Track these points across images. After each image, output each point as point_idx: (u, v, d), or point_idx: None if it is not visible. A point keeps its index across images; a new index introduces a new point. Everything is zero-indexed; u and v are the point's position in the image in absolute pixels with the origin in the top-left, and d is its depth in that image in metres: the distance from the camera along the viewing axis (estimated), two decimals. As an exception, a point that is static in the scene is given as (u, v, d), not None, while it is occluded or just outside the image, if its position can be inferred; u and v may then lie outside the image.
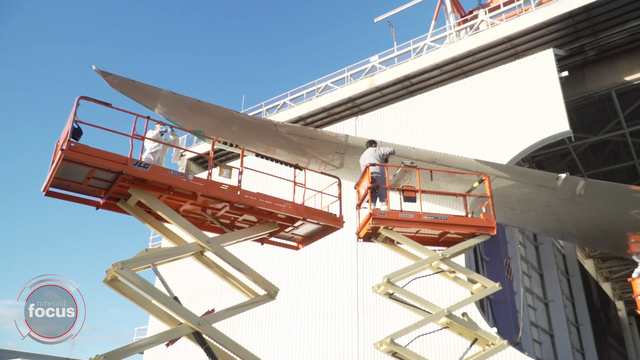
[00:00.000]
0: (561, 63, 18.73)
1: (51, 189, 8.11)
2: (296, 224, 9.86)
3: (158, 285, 8.74)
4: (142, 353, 24.58)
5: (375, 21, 28.39)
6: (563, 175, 14.69)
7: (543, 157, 27.71)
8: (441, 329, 10.79)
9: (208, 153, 9.34)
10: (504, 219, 18.26)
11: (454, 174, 14.33)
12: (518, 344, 17.45)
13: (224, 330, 8.44)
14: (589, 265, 40.58)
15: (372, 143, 11.54)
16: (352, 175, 16.11)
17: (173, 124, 11.46)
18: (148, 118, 8.92)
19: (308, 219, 9.66)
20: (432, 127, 19.74)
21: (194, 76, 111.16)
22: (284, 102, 25.96)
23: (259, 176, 10.34)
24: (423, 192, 10.44)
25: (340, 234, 10.96)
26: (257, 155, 10.89)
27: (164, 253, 8.75)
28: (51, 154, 8.01)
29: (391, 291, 10.23)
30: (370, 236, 10.78)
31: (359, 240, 11.02)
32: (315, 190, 10.55)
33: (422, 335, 10.39)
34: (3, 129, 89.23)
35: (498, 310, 17.83)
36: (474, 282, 10.82)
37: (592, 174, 28.57)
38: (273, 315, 20.82)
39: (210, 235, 8.87)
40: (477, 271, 17.15)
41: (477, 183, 11.69)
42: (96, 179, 8.05)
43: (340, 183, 10.65)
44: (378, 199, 10.60)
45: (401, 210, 10.27)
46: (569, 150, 26.16)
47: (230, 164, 9.59)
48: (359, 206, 11.00)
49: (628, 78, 19.30)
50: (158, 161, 9.88)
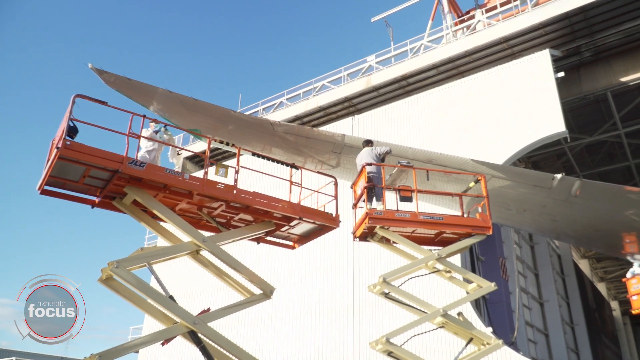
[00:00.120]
0: (557, 64, 18.78)
1: (46, 188, 8.08)
2: (292, 223, 9.86)
3: (153, 284, 8.72)
4: (137, 352, 24.53)
5: (372, 21, 28.40)
6: (559, 175, 14.75)
7: (539, 158, 27.77)
8: (437, 329, 10.81)
9: (204, 152, 9.30)
10: (500, 219, 18.32)
11: (450, 174, 14.38)
12: (513, 344, 17.50)
13: (220, 329, 8.43)
14: (584, 265, 40.72)
15: (369, 143, 11.55)
16: (349, 174, 16.13)
17: (168, 123, 11.43)
18: (144, 116, 8.90)
19: (304, 219, 9.66)
20: (429, 127, 19.77)
21: (191, 75, 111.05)
22: (281, 102, 25.93)
23: (255, 175, 10.33)
24: (419, 192, 10.45)
25: (336, 234, 10.96)
26: (254, 154, 10.87)
27: (160, 252, 8.74)
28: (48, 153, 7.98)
29: (387, 291, 10.25)
30: (366, 236, 10.79)
31: (355, 239, 11.03)
32: (311, 189, 10.55)
33: (418, 334, 10.41)
34: (3, 129, 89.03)
35: (493, 309, 17.88)
36: (470, 282, 10.85)
37: (588, 175, 28.65)
38: (269, 314, 20.81)
39: (206, 234, 8.85)
40: (473, 271, 17.18)
41: (473, 183, 11.71)
42: (92, 178, 8.02)
43: (336, 182, 10.64)
44: (374, 199, 10.62)
45: (397, 209, 10.28)
46: (565, 150, 26.23)
47: (226, 163, 9.56)
48: (355, 206, 11.01)
49: (624, 79, 19.36)
50: (153, 160, 9.85)
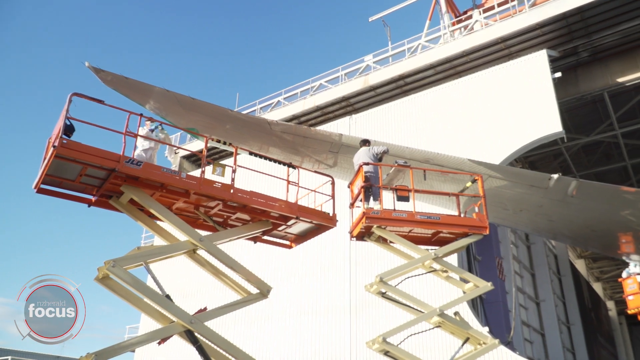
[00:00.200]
0: (554, 64, 18.81)
1: (43, 186, 8.06)
2: (289, 223, 9.85)
3: (150, 283, 8.71)
4: (134, 351, 24.49)
5: (369, 20, 28.44)
6: (555, 175, 14.78)
7: (536, 158, 27.82)
8: (433, 328, 10.83)
9: (201, 151, 9.30)
10: (497, 219, 18.35)
11: (447, 174, 14.39)
12: (509, 343, 17.53)
13: (216, 328, 8.42)
14: (580, 265, 40.83)
15: (366, 142, 11.54)
16: (346, 174, 16.12)
17: (165, 121, 11.41)
18: (141, 115, 8.89)
19: (301, 218, 9.65)
20: (426, 127, 19.78)
21: (189, 74, 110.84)
22: (278, 101, 25.92)
23: (253, 174, 10.32)
24: (416, 192, 10.46)
25: (333, 233, 10.95)
26: (251, 153, 10.87)
27: (157, 251, 8.73)
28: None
29: (384, 290, 10.25)
30: (363, 235, 10.80)
31: (352, 239, 11.03)
32: (308, 189, 10.54)
33: (415, 334, 10.42)
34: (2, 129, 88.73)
35: (490, 309, 17.90)
36: (466, 282, 10.87)
37: (584, 175, 28.71)
38: (266, 313, 20.80)
39: (203, 233, 8.85)
40: (470, 271, 17.20)
41: (470, 183, 11.72)
42: (88, 176, 7.99)
43: (333, 182, 10.63)
44: (371, 198, 10.62)
45: (394, 209, 10.29)
46: (562, 150, 26.29)
47: (223, 162, 9.56)
48: (352, 205, 11.00)
49: (620, 79, 19.41)
50: (150, 158, 9.83)
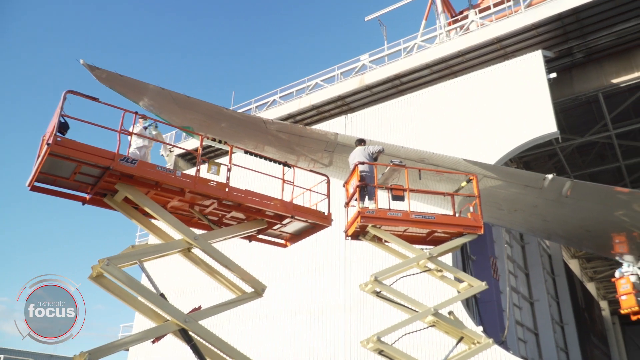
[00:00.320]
0: (550, 64, 18.86)
1: (36, 184, 8.02)
2: (284, 222, 9.84)
3: (144, 281, 8.69)
4: (128, 350, 24.43)
5: (366, 20, 28.37)
6: (550, 176, 14.83)
7: (530, 158, 27.92)
8: (427, 328, 10.86)
9: (196, 149, 9.27)
10: (491, 219, 18.41)
11: (442, 174, 14.41)
12: (503, 343, 17.59)
13: (211, 327, 8.41)
14: (574, 265, 41.01)
15: (362, 142, 11.55)
16: (341, 173, 16.13)
17: (160, 120, 11.37)
18: (136, 113, 8.86)
19: (296, 217, 9.65)
20: (421, 127, 19.80)
21: (184, 73, 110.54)
22: (274, 100, 25.88)
23: (248, 173, 10.30)
24: (411, 191, 10.47)
25: (328, 232, 10.96)
26: (246, 152, 10.85)
27: (151, 249, 8.71)
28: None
29: (378, 289, 10.26)
30: (358, 234, 10.80)
31: (347, 238, 11.03)
32: (303, 188, 10.54)
33: (409, 333, 10.44)
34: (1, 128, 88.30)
35: (484, 309, 17.95)
36: (461, 281, 10.89)
37: (579, 175, 28.85)
38: (260, 312, 20.78)
39: (197, 232, 8.83)
40: (464, 270, 17.24)
41: (465, 183, 11.73)
42: (83, 174, 7.96)
43: (329, 181, 10.64)
44: (367, 198, 10.63)
45: (389, 208, 10.29)
46: (556, 151, 26.39)
47: (218, 161, 9.53)
48: (348, 204, 11.02)
49: (615, 80, 19.48)
50: (144, 156, 9.78)
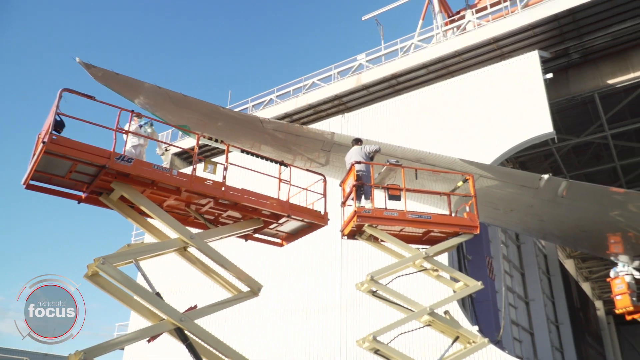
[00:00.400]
0: (546, 65, 18.90)
1: (32, 182, 7.98)
2: (281, 221, 9.83)
3: (140, 280, 8.66)
4: (123, 349, 24.40)
5: (363, 19, 28.39)
6: (546, 176, 14.88)
7: (526, 158, 27.98)
8: (423, 327, 10.87)
9: (193, 148, 9.25)
10: (487, 219, 18.44)
11: (439, 173, 14.44)
12: (499, 342, 17.64)
13: (207, 326, 8.40)
14: (570, 265, 41.13)
15: (358, 141, 11.55)
16: (338, 172, 16.14)
17: (156, 118, 11.34)
18: (132, 112, 8.84)
19: (293, 216, 9.65)
20: (418, 126, 19.82)
21: (181, 72, 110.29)
22: (270, 99, 25.86)
23: (244, 172, 10.29)
24: (408, 191, 10.48)
25: (324, 232, 10.95)
26: (243, 151, 10.84)
27: (147, 248, 8.69)
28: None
29: (374, 289, 10.27)
30: (354, 234, 10.81)
31: (344, 237, 11.04)
32: (300, 187, 10.54)
33: (405, 332, 10.46)
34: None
35: (480, 308, 17.99)
36: (457, 281, 10.91)
37: (574, 175, 28.93)
38: (256, 312, 20.78)
39: (194, 231, 8.81)
40: (460, 270, 17.27)
41: (461, 182, 11.76)
42: (78, 173, 7.92)
43: (325, 180, 10.64)
44: (363, 197, 10.63)
45: (386, 208, 10.31)
46: (552, 151, 26.46)
47: (215, 160, 9.52)
48: (344, 204, 11.01)
49: (611, 81, 19.55)
50: (139, 155, 9.74)
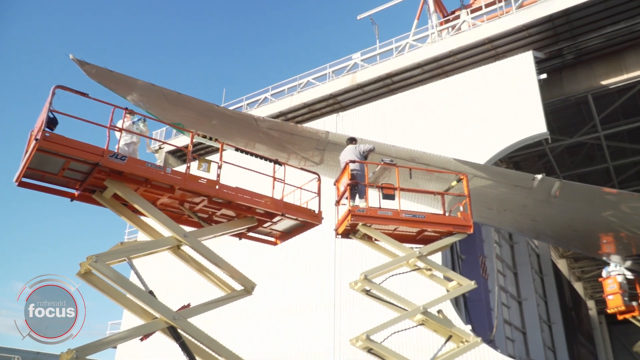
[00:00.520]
0: (540, 65, 18.96)
1: (24, 180, 7.93)
2: (275, 220, 9.82)
3: (133, 279, 8.63)
4: (116, 347, 24.29)
5: (358, 18, 28.38)
6: (539, 176, 14.94)
7: (520, 158, 28.10)
8: (417, 326, 10.90)
9: (187, 146, 9.22)
10: (481, 218, 18.50)
11: (433, 173, 14.47)
12: (491, 341, 17.70)
13: (200, 325, 8.37)
14: (562, 265, 41.34)
15: (352, 140, 11.56)
16: (332, 171, 16.14)
17: (150, 116, 11.27)
18: (126, 109, 8.80)
19: (287, 215, 9.64)
20: (412, 126, 19.84)
21: (175, 70, 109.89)
22: (265, 97, 25.81)
23: (238, 171, 10.26)
24: (402, 190, 10.50)
25: (318, 230, 10.95)
26: (237, 149, 10.81)
27: (140, 246, 8.64)
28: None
29: (368, 288, 10.28)
30: (348, 233, 10.82)
31: (338, 236, 11.05)
32: (294, 186, 10.53)
33: (398, 331, 10.48)
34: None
35: (473, 307, 18.05)
36: (450, 280, 10.94)
37: (568, 176, 29.07)
38: (249, 310, 20.75)
39: (187, 229, 8.79)
40: (454, 269, 17.32)
41: (455, 182, 11.77)
42: (71, 170, 7.88)
43: (319, 179, 10.64)
44: (357, 196, 10.65)
45: (380, 207, 10.32)
46: (546, 151, 26.58)
47: (209, 158, 9.49)
48: (338, 203, 11.02)
49: (604, 82, 19.63)
50: (132, 152, 9.68)
